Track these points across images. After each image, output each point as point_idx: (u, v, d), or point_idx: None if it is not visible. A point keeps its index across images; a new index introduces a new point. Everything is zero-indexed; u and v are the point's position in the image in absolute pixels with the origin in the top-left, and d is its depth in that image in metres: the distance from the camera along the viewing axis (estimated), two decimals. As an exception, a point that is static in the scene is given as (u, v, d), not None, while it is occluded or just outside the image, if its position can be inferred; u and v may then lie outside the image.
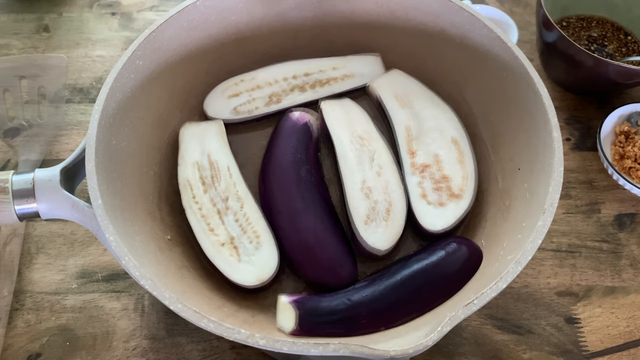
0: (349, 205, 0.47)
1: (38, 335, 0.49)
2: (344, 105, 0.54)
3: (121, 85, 0.45)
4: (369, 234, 0.46)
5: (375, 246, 0.45)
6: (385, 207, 0.47)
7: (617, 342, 0.49)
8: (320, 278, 0.45)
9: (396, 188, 0.48)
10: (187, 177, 0.48)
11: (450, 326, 0.33)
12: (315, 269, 0.45)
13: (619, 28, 0.67)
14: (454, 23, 0.50)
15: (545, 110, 0.43)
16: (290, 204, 0.46)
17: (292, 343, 0.32)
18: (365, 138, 0.51)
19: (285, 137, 0.50)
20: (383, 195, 0.47)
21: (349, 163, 0.49)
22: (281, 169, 0.48)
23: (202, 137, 0.51)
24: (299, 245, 0.45)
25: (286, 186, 0.47)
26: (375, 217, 0.46)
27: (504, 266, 0.36)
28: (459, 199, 0.47)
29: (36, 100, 0.65)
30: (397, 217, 0.47)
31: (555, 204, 0.38)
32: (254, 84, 0.55)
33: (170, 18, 0.48)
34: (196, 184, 0.48)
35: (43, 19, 0.74)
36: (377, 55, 0.57)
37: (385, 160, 0.50)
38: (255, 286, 0.43)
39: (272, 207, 0.47)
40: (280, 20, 0.55)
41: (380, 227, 0.46)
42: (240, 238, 0.45)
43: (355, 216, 0.46)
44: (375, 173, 0.49)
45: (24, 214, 0.41)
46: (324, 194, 0.48)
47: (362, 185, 0.48)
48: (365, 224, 0.46)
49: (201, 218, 0.46)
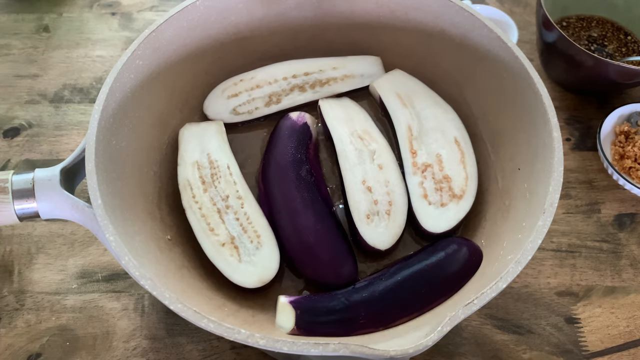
0: (350, 201, 0.47)
1: (38, 335, 0.49)
2: (343, 104, 0.54)
3: (121, 85, 0.44)
4: (370, 231, 0.46)
5: (376, 244, 0.45)
6: (386, 204, 0.47)
7: (617, 342, 0.49)
8: (320, 277, 0.45)
9: (397, 187, 0.48)
10: (187, 176, 0.48)
11: (450, 326, 0.33)
12: (315, 268, 0.45)
13: (619, 28, 0.67)
14: (454, 23, 0.50)
15: (545, 110, 0.43)
16: (290, 204, 0.46)
17: (292, 343, 0.32)
18: (365, 137, 0.51)
19: (285, 137, 0.50)
20: (384, 193, 0.47)
21: (350, 160, 0.49)
22: (281, 168, 0.48)
23: (201, 137, 0.51)
24: (300, 244, 0.45)
25: (286, 186, 0.47)
26: (376, 214, 0.46)
27: (504, 266, 0.36)
28: (460, 199, 0.47)
29: (36, 100, 0.65)
30: (398, 215, 0.47)
31: (555, 203, 0.38)
32: (253, 83, 0.55)
33: (170, 18, 0.48)
34: (196, 184, 0.48)
35: (43, 19, 0.74)
36: (377, 56, 0.57)
37: (386, 158, 0.49)
38: (256, 287, 0.43)
39: (272, 207, 0.47)
40: (280, 20, 0.55)
41: (381, 224, 0.46)
42: (241, 237, 0.45)
43: (356, 213, 0.46)
44: (375, 171, 0.49)
45: (24, 214, 0.41)
46: (324, 194, 0.48)
47: (362, 182, 0.48)
48: (367, 221, 0.46)
49: (201, 218, 0.46)
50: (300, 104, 0.55)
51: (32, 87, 0.66)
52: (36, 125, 0.62)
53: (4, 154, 0.60)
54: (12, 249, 0.53)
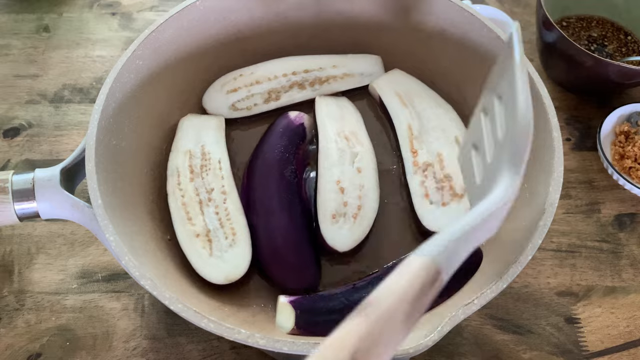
0: (319, 199, 0.46)
1: (38, 335, 0.49)
2: (339, 103, 0.54)
3: (121, 85, 0.44)
4: (332, 231, 0.45)
5: (336, 244, 0.45)
6: (355, 208, 0.46)
7: (617, 342, 0.49)
8: (281, 280, 0.45)
9: (371, 192, 0.48)
10: (177, 164, 0.48)
11: (450, 326, 0.33)
12: (278, 270, 0.45)
13: (619, 28, 0.67)
14: (454, 23, 0.50)
15: (546, 110, 0.43)
16: (268, 202, 0.46)
17: (292, 343, 0.32)
18: (352, 139, 0.51)
19: (277, 135, 0.50)
20: (356, 197, 0.47)
21: (329, 159, 0.49)
22: (266, 165, 0.48)
23: (200, 129, 0.51)
24: (268, 245, 0.45)
25: (267, 183, 0.47)
26: (342, 215, 0.46)
27: (504, 266, 0.36)
28: (461, 198, 0.47)
29: (36, 100, 0.65)
30: (364, 220, 0.46)
31: (555, 204, 0.38)
32: (253, 79, 0.55)
33: (171, 18, 0.48)
34: (184, 172, 0.48)
35: (43, 19, 0.74)
36: (378, 56, 0.57)
37: (366, 163, 0.49)
38: (222, 284, 0.43)
39: (250, 202, 0.47)
40: (280, 20, 0.55)
41: (345, 226, 0.46)
42: (217, 232, 0.45)
43: (322, 211, 0.46)
44: (353, 173, 0.48)
45: (24, 214, 0.41)
46: (305, 197, 0.48)
47: (337, 182, 0.47)
48: (331, 220, 0.46)
49: (181, 205, 0.46)
50: (299, 101, 0.55)
51: (32, 87, 0.66)
52: (36, 125, 0.62)
53: (4, 154, 0.60)
54: (12, 249, 0.53)
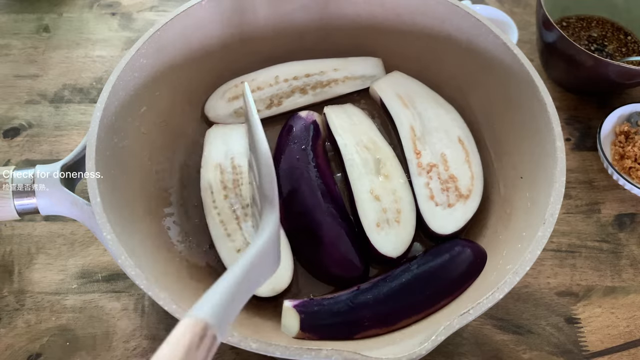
0: (359, 210, 0.47)
1: (38, 335, 0.48)
2: (347, 112, 0.53)
3: (124, 84, 0.44)
4: (381, 239, 0.45)
5: (388, 251, 0.45)
6: (395, 212, 0.47)
7: (617, 342, 0.49)
8: (336, 271, 0.45)
9: (404, 194, 0.48)
10: (209, 179, 0.48)
11: (444, 335, 0.33)
12: (329, 262, 0.45)
13: (619, 28, 0.68)
14: (460, 28, 0.50)
15: (549, 118, 0.42)
16: (304, 201, 0.46)
17: (285, 347, 0.32)
18: (371, 147, 0.51)
19: (296, 136, 0.50)
20: (392, 201, 0.47)
21: (356, 169, 0.49)
22: (293, 167, 0.48)
23: (227, 140, 0.51)
24: (313, 242, 0.45)
25: (298, 183, 0.47)
26: (386, 222, 0.46)
27: (502, 276, 0.36)
28: (467, 199, 0.47)
29: (36, 100, 0.64)
30: (407, 222, 0.47)
31: (555, 214, 0.38)
32: (254, 85, 0.55)
33: (176, 17, 0.48)
34: (217, 188, 0.48)
35: (43, 19, 0.74)
36: (379, 58, 0.57)
37: (392, 169, 0.49)
38: (269, 297, 0.43)
39: (285, 205, 0.47)
40: (285, 21, 0.54)
41: (392, 232, 0.46)
42: None
43: (366, 222, 0.46)
44: (382, 181, 0.48)
45: (23, 209, 0.41)
46: (335, 192, 0.48)
47: (370, 191, 0.48)
48: (377, 229, 0.46)
49: (219, 223, 0.46)
50: (301, 106, 0.55)
51: (32, 87, 0.66)
52: (36, 125, 0.62)
53: (4, 154, 0.60)
54: (12, 249, 0.53)
